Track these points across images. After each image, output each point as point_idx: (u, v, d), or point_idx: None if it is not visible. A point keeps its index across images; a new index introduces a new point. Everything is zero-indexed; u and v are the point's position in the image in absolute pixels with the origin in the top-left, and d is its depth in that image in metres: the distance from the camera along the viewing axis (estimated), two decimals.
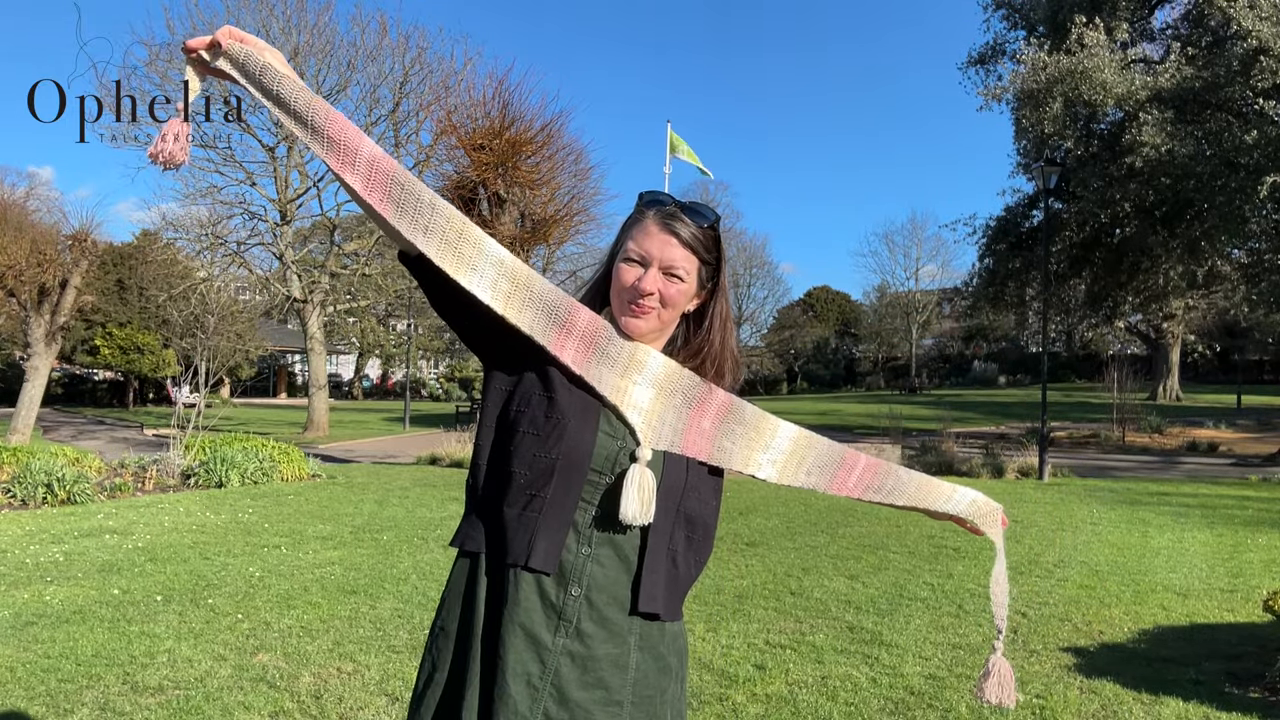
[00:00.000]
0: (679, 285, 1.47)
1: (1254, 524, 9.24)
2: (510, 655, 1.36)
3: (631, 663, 1.42)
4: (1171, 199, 18.44)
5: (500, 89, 15.89)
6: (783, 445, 1.52)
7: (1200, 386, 40.01)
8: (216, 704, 3.72)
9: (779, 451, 1.52)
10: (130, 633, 4.74)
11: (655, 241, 1.46)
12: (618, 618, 1.41)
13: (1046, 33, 20.17)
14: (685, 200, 1.51)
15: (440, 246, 1.36)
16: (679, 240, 1.46)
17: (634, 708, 1.40)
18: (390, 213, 1.35)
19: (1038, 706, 3.77)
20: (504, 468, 1.43)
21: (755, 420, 1.52)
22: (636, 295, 1.45)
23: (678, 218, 1.47)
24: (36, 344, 17.99)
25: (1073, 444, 21.29)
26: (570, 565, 1.39)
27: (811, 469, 1.54)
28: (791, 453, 1.53)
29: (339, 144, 1.34)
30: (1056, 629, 5.01)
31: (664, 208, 1.48)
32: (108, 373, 38.90)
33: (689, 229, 1.47)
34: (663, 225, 1.46)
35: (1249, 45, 16.21)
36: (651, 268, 1.45)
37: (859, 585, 6.07)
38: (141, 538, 7.56)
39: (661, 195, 1.51)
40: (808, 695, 3.89)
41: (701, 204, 1.51)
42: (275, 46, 1.53)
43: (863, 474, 1.57)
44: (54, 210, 27.36)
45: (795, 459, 1.53)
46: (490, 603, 1.41)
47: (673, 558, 1.46)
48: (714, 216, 1.51)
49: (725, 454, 1.48)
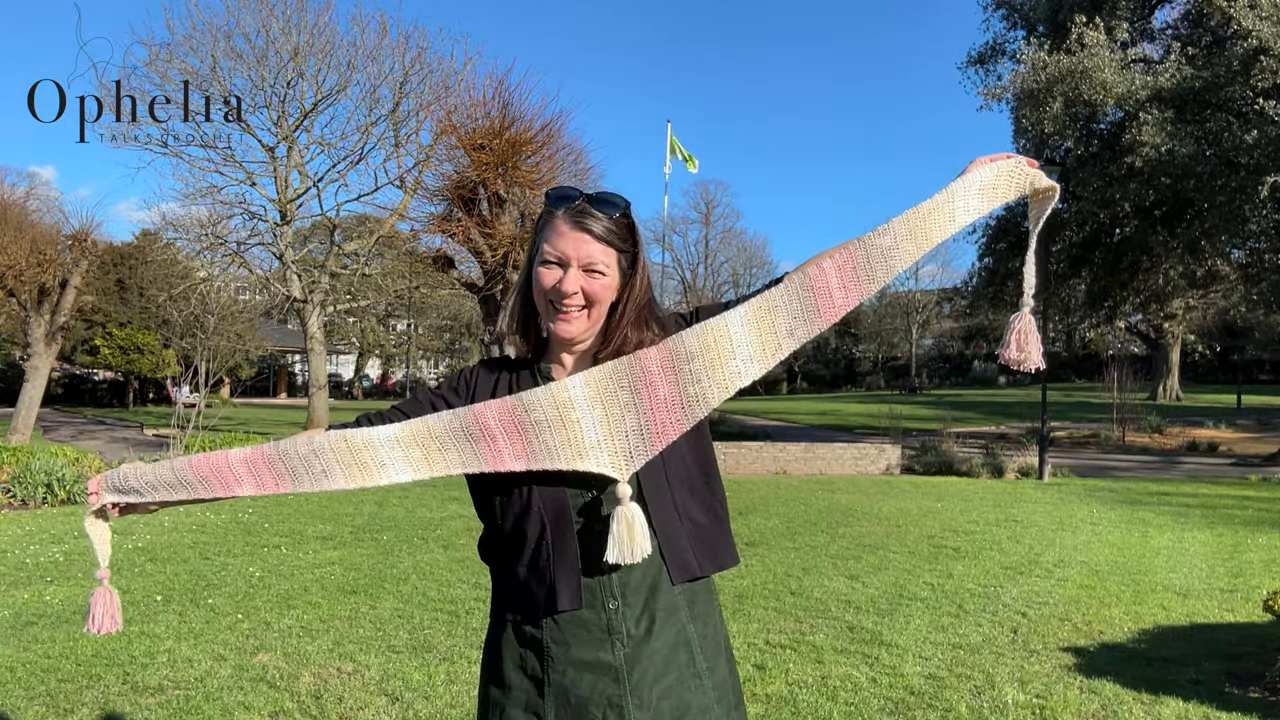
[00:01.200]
0: (601, 280, 1.44)
1: (1254, 524, 9.24)
2: (584, 689, 1.38)
3: (693, 633, 1.45)
4: (1171, 199, 18.45)
5: (500, 89, 15.92)
6: (743, 338, 1.39)
7: (1200, 386, 40.01)
8: (216, 704, 3.72)
9: (745, 346, 1.40)
10: (130, 633, 4.74)
11: (569, 240, 1.42)
12: (663, 601, 1.43)
13: (1046, 32, 20.16)
14: (594, 192, 1.47)
15: (345, 477, 1.40)
16: (592, 235, 1.42)
17: (709, 672, 1.45)
18: (290, 486, 1.41)
19: (1038, 706, 3.77)
20: (502, 538, 1.48)
21: (703, 342, 1.39)
22: (560, 297, 1.43)
23: (587, 213, 1.44)
24: (36, 344, 17.99)
25: (1073, 444, 21.29)
26: (597, 586, 1.41)
27: (791, 328, 1.41)
28: (759, 336, 1.40)
29: (213, 478, 1.42)
30: (1056, 629, 5.01)
31: (572, 204, 1.44)
32: (108, 373, 38.88)
33: (601, 223, 1.43)
34: (574, 223, 1.43)
35: (1249, 45, 16.21)
36: (570, 268, 1.42)
37: (859, 585, 6.07)
38: (141, 538, 7.56)
39: (568, 190, 1.47)
40: (808, 695, 3.89)
41: (610, 194, 1.47)
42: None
43: (843, 276, 1.40)
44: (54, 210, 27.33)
45: (766, 337, 1.40)
46: (541, 655, 1.43)
47: (689, 517, 1.47)
48: (624, 204, 1.47)
49: (700, 399, 1.40)
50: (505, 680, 1.45)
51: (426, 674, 4.09)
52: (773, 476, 13.93)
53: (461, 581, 5.99)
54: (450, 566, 6.48)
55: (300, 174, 24.67)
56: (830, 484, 12.87)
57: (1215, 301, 32.04)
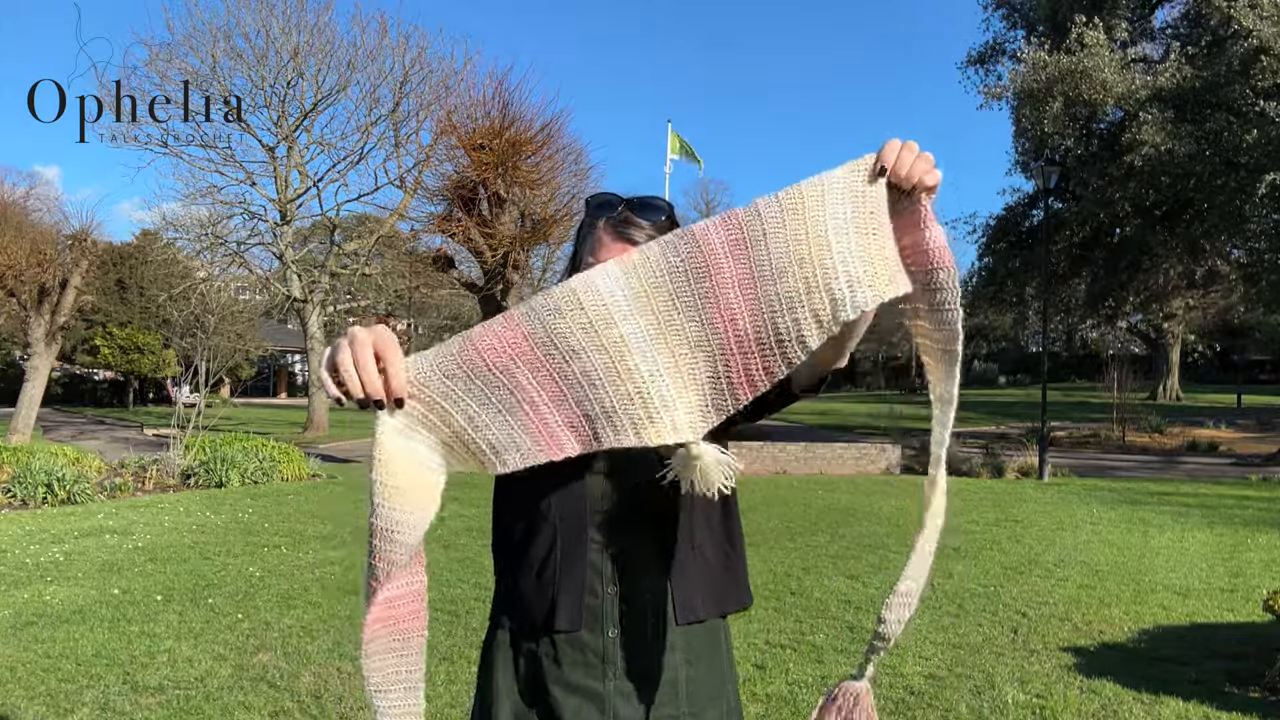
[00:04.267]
0: None
1: (1254, 524, 9.24)
2: (568, 714, 1.35)
3: (682, 677, 1.38)
4: (1171, 198, 18.46)
5: (500, 89, 15.91)
6: (849, 251, 1.10)
7: (1200, 386, 40.00)
8: (216, 704, 3.72)
9: (851, 262, 1.11)
10: (130, 633, 4.74)
11: (613, 254, 1.31)
12: (662, 637, 1.37)
13: (1046, 32, 20.16)
14: (634, 197, 1.39)
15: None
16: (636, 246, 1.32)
17: (691, 718, 1.38)
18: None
19: (1038, 706, 3.77)
20: (511, 544, 1.43)
21: (794, 254, 1.10)
22: None
23: (631, 222, 1.36)
24: (36, 344, 18.00)
25: (1073, 444, 21.28)
26: (599, 609, 1.36)
27: (892, 275, 1.14)
28: (866, 254, 1.12)
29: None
30: (1056, 629, 5.01)
31: (614, 213, 1.37)
32: (108, 373, 38.88)
33: (645, 231, 1.35)
34: (616, 234, 1.36)
35: (1249, 45, 16.21)
36: None
37: (859, 585, 6.07)
38: (141, 538, 7.56)
39: (609, 197, 1.40)
40: (808, 695, 3.89)
41: (653, 198, 1.40)
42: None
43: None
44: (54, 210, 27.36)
45: (877, 259, 1.13)
46: (533, 667, 1.39)
47: (701, 551, 1.40)
48: (668, 208, 1.40)
49: (793, 337, 1.10)
50: (495, 685, 1.42)
51: (426, 674, 4.09)
52: (773, 476, 13.93)
53: (461, 581, 5.99)
54: (450, 566, 6.48)
55: (300, 174, 24.68)
56: (830, 484, 12.87)
57: (1215, 301, 32.04)
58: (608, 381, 1.12)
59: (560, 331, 1.12)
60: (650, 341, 1.12)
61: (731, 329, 1.11)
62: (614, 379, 1.12)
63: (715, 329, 1.12)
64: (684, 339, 1.13)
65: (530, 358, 1.13)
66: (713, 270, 1.11)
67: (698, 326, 1.12)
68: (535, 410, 1.14)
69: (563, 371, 1.13)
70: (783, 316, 1.10)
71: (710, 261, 1.11)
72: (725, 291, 1.11)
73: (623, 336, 1.12)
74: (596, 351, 1.12)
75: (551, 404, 1.14)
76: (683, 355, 1.13)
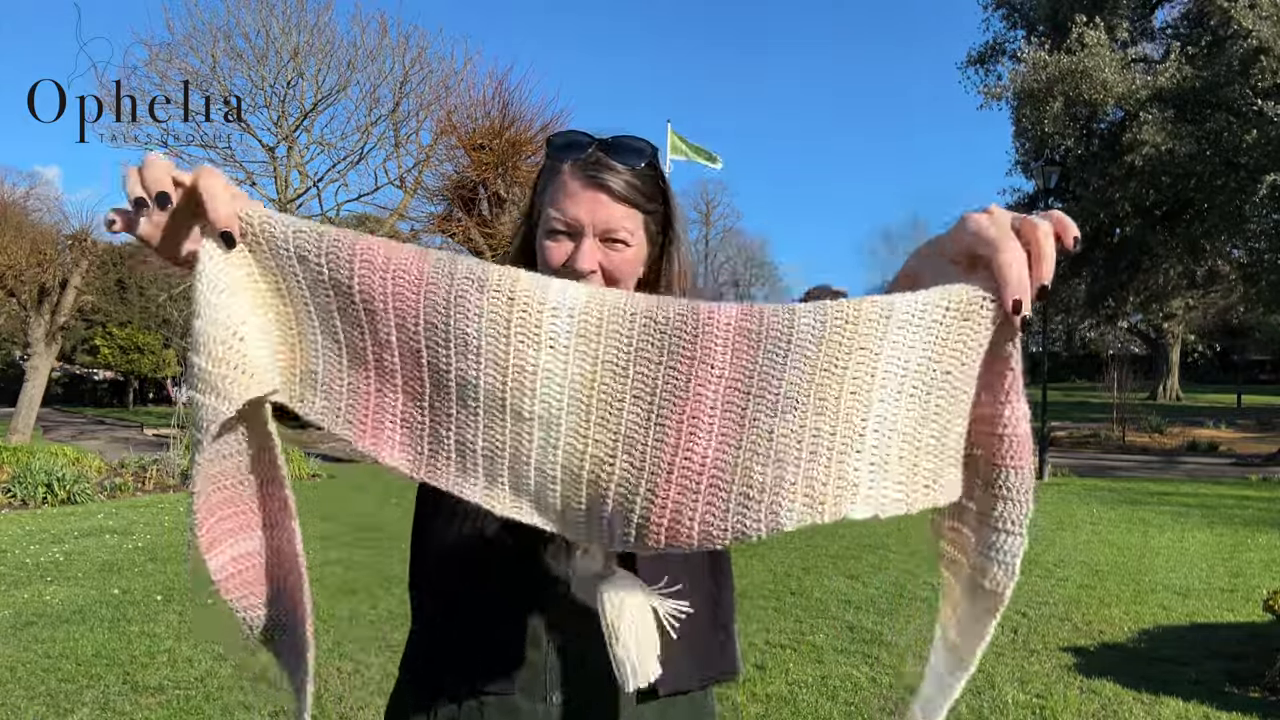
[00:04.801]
0: (624, 253, 1.11)
1: (1254, 524, 9.24)
2: None
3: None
4: (1171, 198, 18.47)
5: (500, 89, 15.93)
6: (887, 422, 0.77)
7: (1200, 386, 40.00)
8: (216, 704, 3.72)
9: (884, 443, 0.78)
10: (130, 633, 4.74)
11: (581, 202, 1.09)
12: (623, 710, 1.12)
13: (1046, 32, 20.18)
14: (609, 137, 1.12)
15: None
16: (611, 195, 1.09)
17: None
18: None
19: (1038, 706, 3.77)
20: (433, 573, 1.18)
21: (819, 391, 0.77)
22: (573, 278, 0.98)
23: (604, 165, 1.10)
24: (36, 344, 18.01)
25: (1073, 444, 21.28)
26: (538, 670, 1.11)
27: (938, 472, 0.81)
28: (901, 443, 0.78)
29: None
30: (1056, 629, 5.01)
31: (583, 154, 1.11)
32: (108, 373, 38.89)
33: (621, 177, 1.10)
34: (587, 179, 1.09)
35: (1249, 45, 16.22)
36: (585, 238, 1.09)
37: (859, 585, 6.07)
38: (141, 538, 7.56)
39: (576, 136, 1.13)
40: (808, 695, 3.89)
41: (631, 137, 1.13)
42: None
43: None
44: (54, 210, 27.32)
45: (907, 454, 0.79)
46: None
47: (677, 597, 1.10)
48: (650, 150, 1.13)
49: (756, 510, 0.77)
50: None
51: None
52: None
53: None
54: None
55: (300, 174, 24.68)
56: None
57: (1215, 301, 32.01)
58: (484, 410, 0.81)
59: (465, 310, 0.80)
60: (569, 397, 0.80)
61: (686, 445, 0.77)
62: (494, 413, 0.81)
63: (663, 434, 0.78)
64: (613, 422, 0.80)
65: (410, 320, 0.82)
66: (699, 356, 0.77)
67: (640, 417, 0.79)
68: (379, 379, 0.84)
69: (437, 364, 0.82)
70: (763, 467, 0.76)
71: (700, 343, 0.77)
72: (701, 392, 0.77)
73: (537, 368, 0.80)
74: (493, 366, 0.80)
75: (401, 390, 0.84)
76: (599, 441, 0.80)
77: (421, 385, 0.84)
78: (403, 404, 0.84)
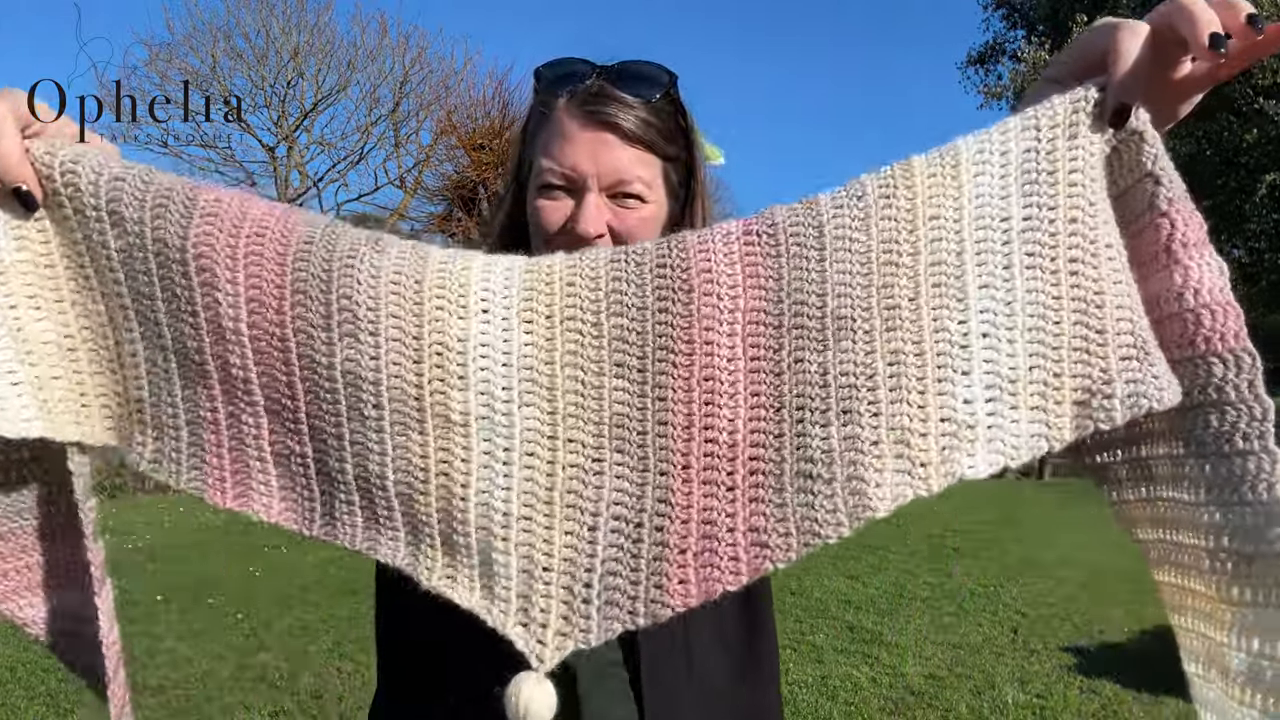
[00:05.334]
0: (640, 211, 0.85)
1: None
2: None
3: None
4: None
5: (500, 89, 15.95)
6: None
7: None
8: (216, 704, 3.73)
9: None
10: (130, 633, 4.74)
11: (582, 147, 0.83)
12: None
13: (1047, 32, 20.20)
14: (614, 63, 0.87)
15: None
16: (620, 135, 0.83)
17: None
18: None
19: (1038, 706, 3.78)
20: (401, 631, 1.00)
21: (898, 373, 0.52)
22: (573, 243, 0.80)
23: (610, 97, 0.84)
24: None
25: None
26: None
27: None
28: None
29: None
30: (1056, 629, 5.01)
31: (581, 86, 0.85)
32: None
33: (633, 113, 0.84)
34: (588, 118, 0.84)
35: None
36: (588, 193, 0.83)
37: (859, 585, 6.07)
38: (141, 538, 7.56)
39: (573, 65, 0.87)
40: (808, 695, 3.89)
41: (642, 63, 0.87)
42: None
43: None
44: None
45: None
46: None
47: (702, 675, 0.84)
48: (666, 78, 0.87)
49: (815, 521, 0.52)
50: None
51: None
52: None
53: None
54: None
55: (300, 174, 24.70)
56: None
57: None
58: (392, 419, 0.54)
59: (355, 274, 0.53)
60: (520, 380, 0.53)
61: (705, 419, 0.52)
62: (407, 422, 0.54)
63: (668, 411, 0.53)
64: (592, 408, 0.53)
65: (270, 294, 0.55)
66: (699, 287, 0.53)
67: (630, 393, 0.53)
68: (227, 395, 0.57)
69: (313, 358, 0.54)
70: (823, 427, 0.50)
71: (697, 269, 0.53)
72: (713, 338, 0.53)
73: (466, 343, 0.53)
74: (400, 348, 0.53)
75: (265, 409, 0.57)
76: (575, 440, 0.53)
77: (292, 396, 0.55)
78: (269, 429, 0.56)
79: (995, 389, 0.50)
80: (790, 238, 0.53)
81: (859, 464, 0.50)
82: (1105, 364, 0.51)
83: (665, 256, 0.55)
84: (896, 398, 0.50)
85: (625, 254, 0.56)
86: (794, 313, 0.52)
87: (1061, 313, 0.51)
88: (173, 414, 0.58)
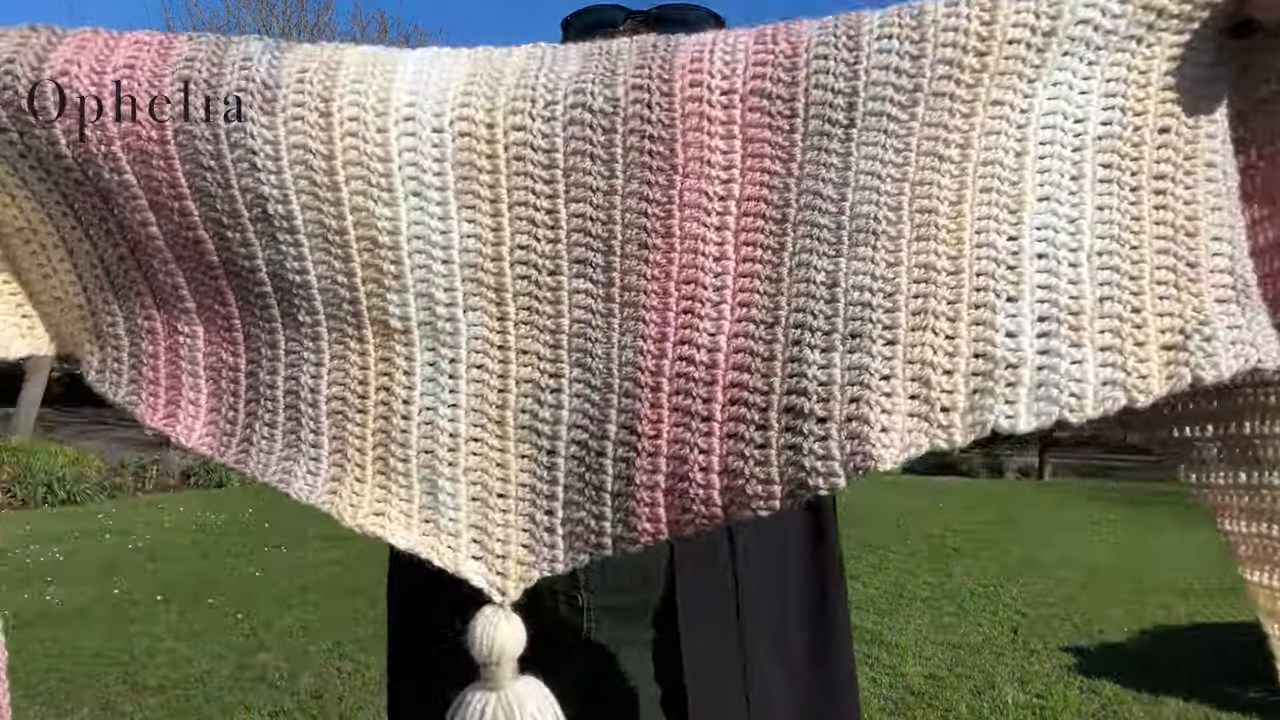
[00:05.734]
0: None
1: None
2: None
3: None
4: None
5: None
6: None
7: None
8: (216, 704, 3.73)
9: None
10: (130, 633, 4.75)
11: None
12: None
13: None
14: (652, 7, 0.76)
15: None
16: None
17: None
18: None
19: (1038, 706, 3.78)
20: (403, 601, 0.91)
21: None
22: None
23: None
24: None
25: (1074, 443, 21.28)
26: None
27: None
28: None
29: None
30: (1056, 629, 5.00)
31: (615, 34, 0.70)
32: None
33: None
34: None
35: None
36: None
37: (859, 585, 6.07)
38: (141, 538, 7.57)
39: (604, 10, 0.76)
40: None
41: (683, 5, 0.76)
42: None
43: None
44: None
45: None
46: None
47: (786, 658, 0.79)
48: (713, 21, 0.77)
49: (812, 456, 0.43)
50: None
51: None
52: None
53: None
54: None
55: None
56: None
57: None
58: (329, 325, 0.47)
59: (249, 155, 0.46)
60: (463, 278, 0.45)
61: (680, 329, 0.44)
62: (344, 328, 0.47)
63: (638, 317, 0.44)
64: (548, 309, 0.45)
65: (164, 185, 0.48)
66: (683, 158, 0.43)
67: (593, 292, 0.45)
68: (159, 308, 0.52)
69: (234, 259, 0.47)
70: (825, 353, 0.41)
71: (682, 131, 0.43)
72: (697, 230, 0.43)
73: (397, 234, 0.45)
74: (322, 244, 0.46)
75: (200, 317, 0.51)
76: (527, 351, 0.45)
77: (224, 302, 0.49)
78: (204, 338, 0.50)
79: (1051, 321, 0.40)
80: (811, 103, 0.41)
81: (863, 401, 0.40)
82: (1200, 303, 0.41)
83: (645, 112, 0.42)
84: (920, 323, 0.40)
85: (585, 103, 0.43)
86: (803, 204, 0.41)
87: (1142, 236, 0.41)
88: (111, 322, 0.54)
